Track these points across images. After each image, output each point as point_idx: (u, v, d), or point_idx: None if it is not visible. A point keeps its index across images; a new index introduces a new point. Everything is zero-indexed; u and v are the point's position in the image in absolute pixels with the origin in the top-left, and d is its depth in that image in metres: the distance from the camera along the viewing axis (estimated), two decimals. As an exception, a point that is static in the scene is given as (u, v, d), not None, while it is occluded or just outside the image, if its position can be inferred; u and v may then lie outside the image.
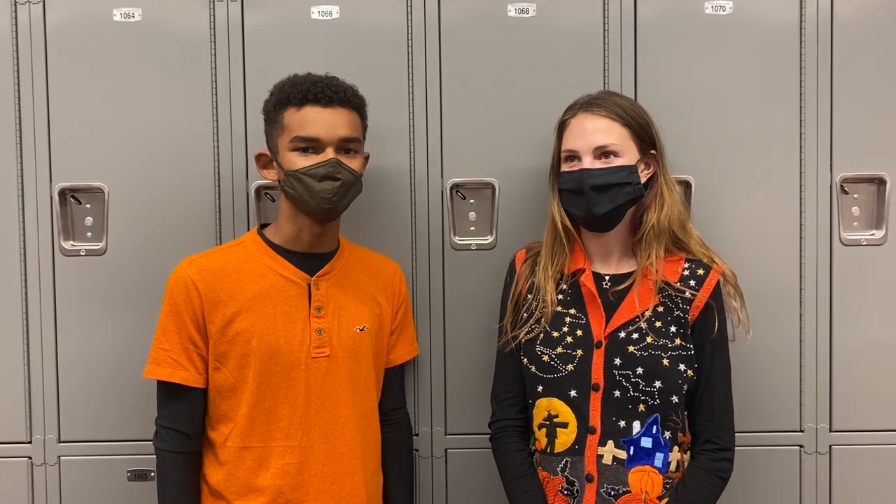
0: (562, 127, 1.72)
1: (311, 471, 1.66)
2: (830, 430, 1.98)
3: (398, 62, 1.94)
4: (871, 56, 1.95)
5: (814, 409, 1.97)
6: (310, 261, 1.70)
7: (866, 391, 1.97)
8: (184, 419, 1.68)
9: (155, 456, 1.70)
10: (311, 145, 1.62)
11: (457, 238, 1.97)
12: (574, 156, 1.68)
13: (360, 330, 1.72)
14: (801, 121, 1.95)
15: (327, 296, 1.69)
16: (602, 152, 1.65)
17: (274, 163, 1.68)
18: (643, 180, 1.67)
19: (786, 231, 1.96)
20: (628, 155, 1.65)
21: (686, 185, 1.93)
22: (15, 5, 1.93)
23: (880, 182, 1.95)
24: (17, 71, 1.93)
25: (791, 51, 1.95)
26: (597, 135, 1.65)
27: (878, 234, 1.96)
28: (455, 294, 1.97)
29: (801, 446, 1.98)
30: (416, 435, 1.98)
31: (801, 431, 1.98)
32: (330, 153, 1.62)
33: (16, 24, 1.93)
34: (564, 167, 1.70)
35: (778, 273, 1.96)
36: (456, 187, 1.96)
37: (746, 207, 1.96)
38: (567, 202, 1.70)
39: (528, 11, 1.95)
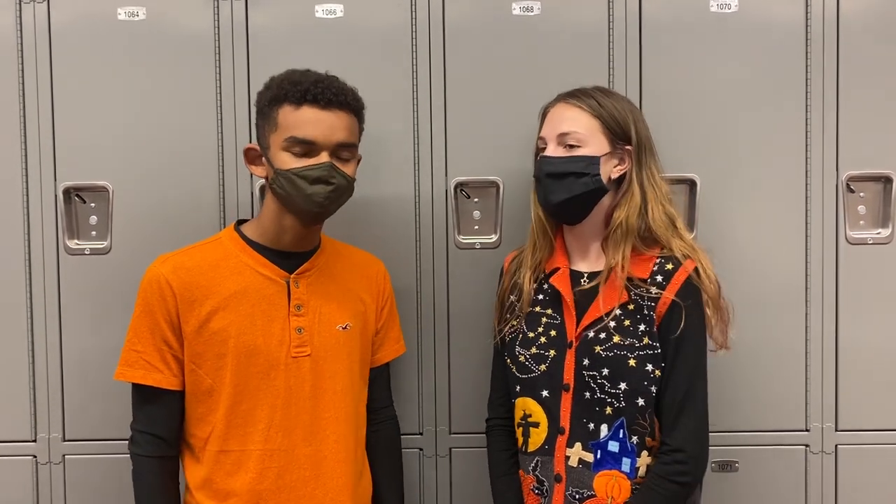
0: (543, 115, 1.73)
1: (291, 475, 1.61)
2: (836, 430, 1.97)
3: (402, 60, 1.94)
4: (877, 54, 1.94)
5: (819, 408, 1.97)
6: (289, 258, 1.65)
7: (872, 390, 1.97)
8: (160, 423, 1.62)
9: (131, 462, 1.64)
10: (305, 147, 1.57)
11: (461, 237, 1.97)
12: (543, 144, 1.68)
13: (343, 328, 1.68)
14: (806, 119, 1.94)
15: (307, 294, 1.65)
16: (565, 141, 1.63)
17: (263, 159, 1.62)
18: (615, 175, 1.65)
19: (791, 230, 1.96)
20: (593, 146, 1.63)
21: (691, 184, 1.92)
22: (19, 4, 1.93)
23: (887, 180, 1.95)
24: (22, 70, 1.93)
25: (797, 49, 1.94)
26: (562, 123, 1.65)
27: (885, 232, 1.95)
28: (459, 293, 1.97)
29: (806, 446, 1.97)
30: (421, 434, 1.99)
31: (807, 431, 1.97)
32: (325, 157, 1.57)
33: (20, 24, 1.93)
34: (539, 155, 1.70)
35: (784, 272, 1.96)
36: (460, 186, 1.96)
37: (752, 206, 1.95)
38: (537, 190, 1.70)
39: (532, 10, 1.94)
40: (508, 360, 1.70)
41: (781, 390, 1.97)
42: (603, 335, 1.61)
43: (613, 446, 1.59)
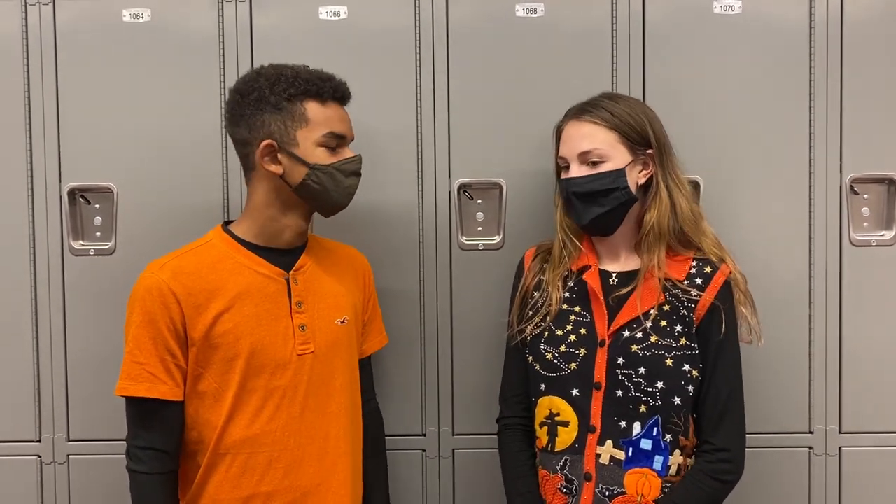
0: (558, 133, 1.73)
1: (297, 473, 1.61)
2: (840, 432, 1.97)
3: (406, 62, 1.94)
4: (881, 56, 1.94)
5: (823, 410, 1.96)
6: (282, 256, 1.64)
7: (876, 392, 1.96)
8: (164, 437, 1.57)
9: (130, 481, 1.59)
10: (338, 142, 1.61)
11: (464, 238, 1.97)
12: (565, 163, 1.69)
13: (341, 322, 1.68)
14: (810, 121, 1.94)
15: (306, 290, 1.64)
16: (587, 159, 1.64)
17: (281, 155, 1.58)
18: (642, 181, 1.66)
19: (795, 231, 1.95)
20: (616, 159, 1.64)
21: (695, 186, 1.92)
22: (25, 6, 1.94)
23: (890, 182, 1.94)
24: (27, 71, 1.94)
25: (801, 50, 1.94)
26: (581, 141, 1.65)
27: (889, 234, 1.95)
28: (462, 294, 1.97)
29: (810, 448, 1.97)
30: (424, 435, 1.99)
31: (811, 433, 1.97)
32: (350, 151, 1.63)
33: (26, 25, 1.94)
34: (562, 175, 1.71)
35: (787, 273, 1.96)
36: (463, 187, 1.96)
37: (755, 207, 1.95)
38: (565, 209, 1.71)
39: (536, 11, 1.94)
40: (531, 359, 1.70)
41: (785, 392, 1.96)
42: (640, 335, 1.62)
43: (646, 444, 1.60)
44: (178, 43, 1.94)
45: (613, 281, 1.69)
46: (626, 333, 1.63)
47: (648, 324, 1.63)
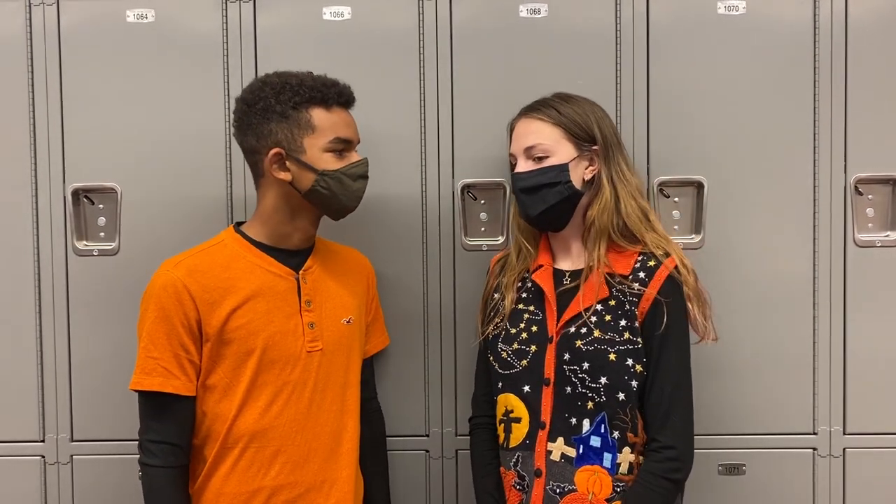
0: (510, 130, 1.75)
1: (303, 469, 1.64)
2: (844, 433, 1.96)
3: (410, 62, 1.94)
4: (885, 56, 1.93)
5: (827, 411, 1.96)
6: (291, 256, 1.68)
7: (881, 393, 1.96)
8: (176, 431, 1.61)
9: (142, 474, 1.61)
10: (345, 146, 1.63)
11: (468, 239, 1.97)
12: (515, 160, 1.70)
13: (347, 322, 1.71)
14: (814, 121, 1.93)
15: (314, 290, 1.68)
16: (533, 154, 1.66)
17: (289, 162, 1.61)
18: (588, 177, 1.67)
19: (799, 232, 1.95)
20: (560, 154, 1.66)
21: (698, 186, 1.92)
22: (29, 7, 1.94)
23: (895, 183, 1.94)
24: (32, 72, 1.95)
25: (805, 50, 1.93)
26: (528, 137, 1.68)
27: (893, 235, 1.95)
28: (466, 295, 1.96)
29: (814, 449, 1.97)
30: (427, 436, 1.99)
31: (815, 434, 1.97)
32: (357, 154, 1.65)
33: (30, 26, 1.95)
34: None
35: (791, 274, 1.95)
36: (467, 188, 1.96)
37: (759, 208, 1.95)
38: (516, 204, 1.72)
39: (539, 12, 1.94)
40: (491, 358, 1.72)
41: (789, 393, 1.96)
42: (583, 330, 1.62)
43: (595, 441, 1.60)
44: (182, 43, 1.95)
45: (567, 279, 1.70)
46: (572, 329, 1.63)
47: (593, 319, 1.62)
